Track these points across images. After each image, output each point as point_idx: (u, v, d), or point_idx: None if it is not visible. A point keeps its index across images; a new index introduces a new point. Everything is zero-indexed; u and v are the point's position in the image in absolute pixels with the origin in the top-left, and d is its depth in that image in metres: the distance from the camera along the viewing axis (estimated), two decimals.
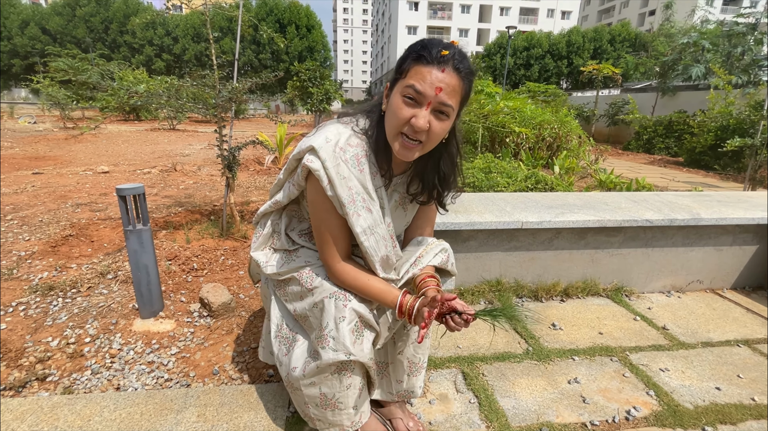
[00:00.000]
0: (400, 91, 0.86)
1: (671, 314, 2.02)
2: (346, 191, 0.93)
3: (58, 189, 4.08)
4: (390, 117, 0.90)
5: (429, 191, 1.05)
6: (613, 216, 2.01)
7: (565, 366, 1.57)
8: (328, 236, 0.99)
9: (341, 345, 0.95)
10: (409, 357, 1.17)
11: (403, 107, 0.86)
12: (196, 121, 15.98)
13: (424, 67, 0.83)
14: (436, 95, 0.83)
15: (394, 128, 0.89)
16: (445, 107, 0.85)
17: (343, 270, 1.01)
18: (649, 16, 44.32)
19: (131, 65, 17.81)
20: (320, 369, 0.99)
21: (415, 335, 1.15)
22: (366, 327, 1.01)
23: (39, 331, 1.68)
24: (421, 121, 0.84)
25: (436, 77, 0.83)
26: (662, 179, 6.19)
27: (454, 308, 0.91)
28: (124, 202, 1.60)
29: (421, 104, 0.85)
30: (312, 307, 1.03)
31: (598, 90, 13.31)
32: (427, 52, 0.84)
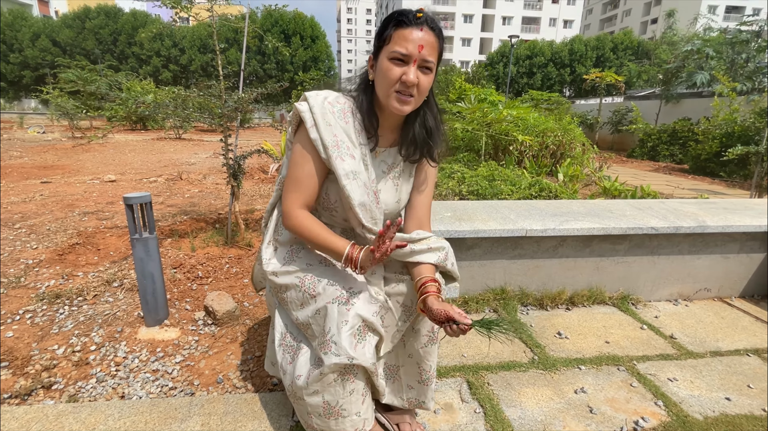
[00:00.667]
0: (387, 55, 0.96)
1: (679, 323, 2.00)
2: (330, 136, 1.01)
3: (66, 197, 4.12)
4: (381, 80, 0.99)
5: (420, 147, 1.12)
6: (618, 223, 2.00)
7: (572, 376, 1.56)
8: (297, 181, 1.06)
9: (343, 349, 0.95)
10: (419, 362, 1.16)
11: (393, 68, 0.96)
12: (201, 130, 16.15)
13: (405, 29, 0.94)
14: (420, 53, 0.94)
15: (387, 88, 0.98)
16: (428, 63, 0.97)
17: (301, 215, 1.05)
18: (651, 24, 44.54)
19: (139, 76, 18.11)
20: (323, 376, 0.98)
21: (425, 338, 1.15)
22: (369, 330, 1.01)
23: (45, 339, 1.69)
24: (412, 76, 0.95)
25: (417, 36, 0.94)
26: (667, 186, 6.16)
27: (451, 317, 0.93)
28: (131, 210, 1.62)
29: (408, 63, 0.95)
30: (315, 314, 1.03)
31: (602, 98, 13.33)
32: (405, 17, 0.95)
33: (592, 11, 56.97)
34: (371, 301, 1.05)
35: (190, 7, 2.47)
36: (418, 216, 1.18)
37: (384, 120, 1.09)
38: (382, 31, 0.98)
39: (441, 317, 0.95)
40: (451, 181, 4.11)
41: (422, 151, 1.12)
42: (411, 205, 1.20)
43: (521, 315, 2.00)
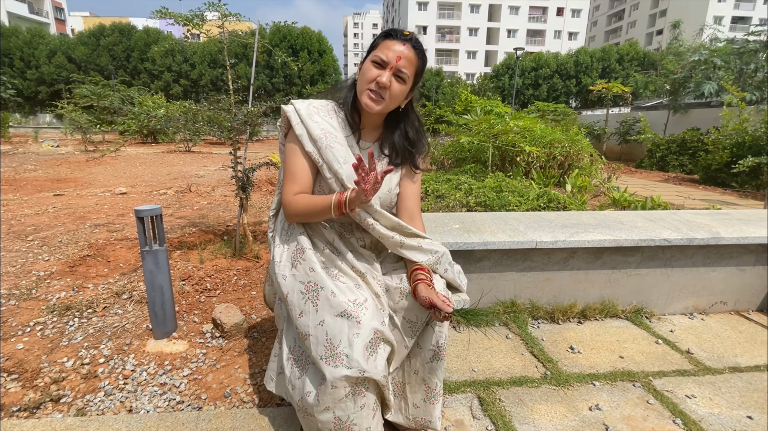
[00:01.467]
0: (371, 58, 1.10)
1: (695, 337, 1.95)
2: (318, 130, 1.13)
3: (78, 210, 4.19)
4: (360, 78, 1.12)
5: (401, 154, 1.22)
6: (629, 235, 1.97)
7: (586, 392, 1.52)
8: (291, 173, 1.15)
9: (355, 362, 0.95)
10: (425, 379, 1.14)
11: (371, 69, 1.09)
12: (210, 143, 16.41)
13: (390, 41, 1.09)
14: (397, 62, 1.07)
15: (363, 84, 1.11)
16: (402, 73, 1.08)
17: (295, 199, 1.13)
18: (656, 35, 44.68)
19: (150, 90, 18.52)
20: (335, 389, 0.97)
21: (430, 354, 1.13)
22: (381, 341, 1.01)
23: (55, 351, 1.69)
24: (384, 78, 1.07)
25: (398, 49, 1.07)
26: (678, 197, 6.08)
27: (434, 304, 1.00)
28: (141, 223, 1.64)
29: (385, 68, 1.08)
30: (317, 325, 1.02)
31: (608, 108, 13.32)
32: (393, 32, 1.10)
33: (596, 23, 57.37)
34: (379, 310, 1.05)
35: (202, 24, 2.53)
36: (408, 207, 1.25)
37: (365, 118, 1.19)
38: (373, 41, 1.14)
39: (425, 304, 1.02)
40: (459, 193, 4.10)
41: (404, 158, 1.23)
42: (401, 196, 1.26)
43: (532, 328, 1.97)
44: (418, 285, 1.06)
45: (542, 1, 44.69)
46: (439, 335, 1.11)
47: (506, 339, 1.86)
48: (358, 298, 1.04)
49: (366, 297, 1.06)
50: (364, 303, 1.04)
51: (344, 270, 1.12)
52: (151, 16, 2.33)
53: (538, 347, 1.80)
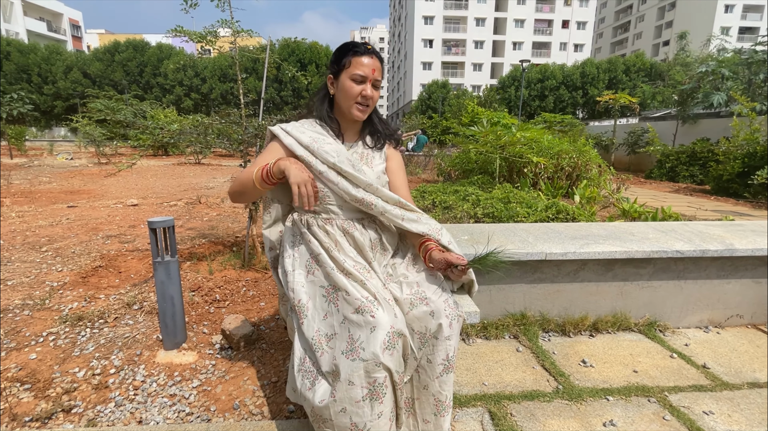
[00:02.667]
0: (349, 77, 1.23)
1: (711, 351, 1.90)
2: (307, 137, 1.26)
3: (91, 221, 4.26)
4: (345, 95, 1.26)
5: (384, 135, 1.40)
6: (640, 247, 1.95)
7: (599, 407, 1.49)
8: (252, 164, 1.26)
9: (370, 353, 0.98)
10: (435, 394, 1.13)
11: (353, 86, 1.24)
12: (220, 155, 16.66)
13: (361, 57, 1.23)
14: (373, 74, 1.24)
15: (350, 100, 1.26)
16: (377, 81, 1.26)
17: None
18: (663, 46, 44.71)
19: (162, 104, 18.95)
20: (351, 387, 0.98)
21: (440, 368, 1.12)
22: (398, 337, 1.04)
23: (67, 361, 1.71)
24: (369, 92, 1.25)
25: (370, 62, 1.23)
26: (689, 208, 6.00)
27: (450, 262, 1.16)
28: (154, 234, 1.66)
29: (365, 82, 1.24)
30: (341, 323, 1.07)
31: (616, 119, 13.29)
32: (358, 48, 1.24)
33: (602, 35, 57.65)
34: (390, 305, 1.10)
35: (215, 41, 2.61)
36: (403, 196, 1.35)
37: (345, 123, 1.35)
38: (340, 58, 1.24)
39: (442, 265, 1.17)
40: (466, 204, 4.09)
41: (386, 137, 1.40)
42: (392, 186, 1.38)
43: (543, 341, 1.94)
44: (431, 253, 1.20)
45: (547, 14, 45.11)
46: (449, 348, 1.11)
47: (516, 352, 1.84)
48: (369, 295, 1.09)
49: (375, 293, 1.10)
50: (375, 299, 1.08)
51: (352, 269, 1.16)
52: (167, 35, 2.41)
53: (550, 360, 1.77)
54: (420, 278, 1.21)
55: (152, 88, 26.71)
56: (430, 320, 1.10)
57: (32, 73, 25.74)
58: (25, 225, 4.01)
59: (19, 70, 25.52)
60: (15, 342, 1.84)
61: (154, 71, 26.34)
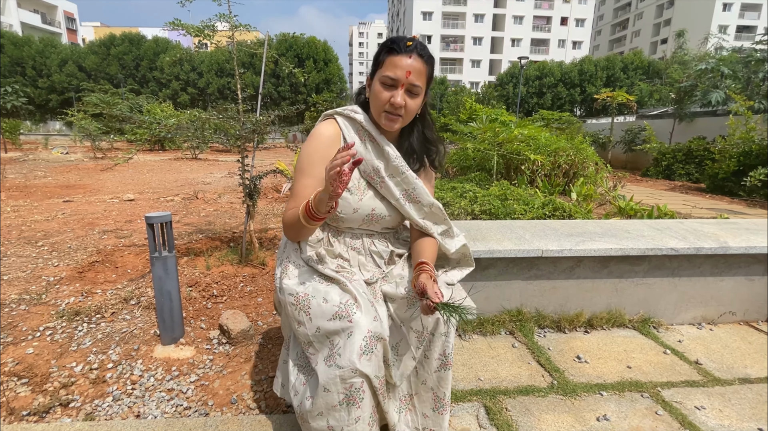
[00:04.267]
0: (379, 79, 1.06)
1: (704, 348, 1.93)
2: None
3: (87, 216, 4.24)
4: (373, 101, 1.10)
5: (420, 157, 1.21)
6: (636, 244, 1.97)
7: (593, 402, 1.50)
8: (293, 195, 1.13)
9: (346, 360, 0.95)
10: (434, 388, 1.14)
11: (382, 91, 1.06)
12: (216, 150, 16.58)
13: (396, 56, 1.03)
14: (407, 78, 1.03)
15: (378, 108, 1.09)
16: (414, 87, 1.05)
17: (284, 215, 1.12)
18: (661, 44, 44.78)
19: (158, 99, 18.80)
20: (327, 393, 0.96)
21: (437, 363, 1.13)
22: (376, 341, 0.99)
23: (64, 356, 1.71)
24: (399, 99, 1.04)
25: (405, 63, 1.02)
26: (684, 206, 6.05)
27: (425, 292, 0.96)
28: (152, 229, 1.66)
29: (397, 87, 1.05)
30: (315, 332, 1.03)
31: (613, 117, 13.32)
32: (396, 45, 1.04)
33: (600, 32, 57.65)
34: (371, 309, 1.05)
35: (213, 35, 2.59)
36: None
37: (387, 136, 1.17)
38: (378, 56, 1.09)
39: (418, 290, 0.98)
40: (463, 201, 4.11)
41: (422, 160, 1.21)
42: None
43: (538, 337, 1.96)
44: (420, 275, 1.04)
45: (546, 11, 45.03)
46: (446, 344, 1.11)
47: (512, 348, 1.86)
48: (349, 298, 1.04)
49: (356, 294, 1.05)
50: (355, 302, 1.03)
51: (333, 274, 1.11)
52: (165, 28, 2.39)
53: (545, 356, 1.79)
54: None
55: (148, 82, 26.49)
56: (427, 317, 1.11)
57: (26, 66, 25.45)
58: (21, 220, 3.98)
59: (13, 62, 25.23)
60: (12, 336, 1.84)
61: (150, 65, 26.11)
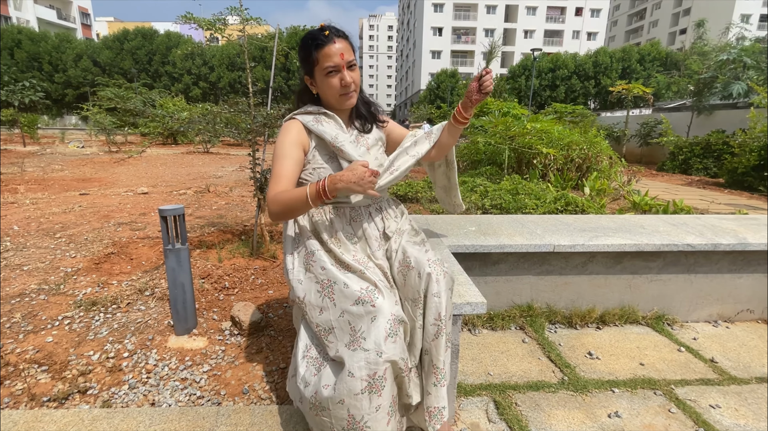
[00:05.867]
0: (322, 72, 1.19)
1: (719, 345, 1.89)
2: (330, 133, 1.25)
3: (102, 209, 4.33)
4: (327, 91, 1.23)
5: (368, 116, 1.37)
6: (650, 240, 1.93)
7: (605, 399, 1.49)
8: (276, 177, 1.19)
9: (372, 343, 0.99)
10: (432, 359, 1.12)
11: (331, 80, 1.20)
12: (228, 144, 16.72)
13: (324, 48, 1.16)
14: (343, 59, 1.18)
15: (334, 95, 1.23)
16: (351, 62, 1.21)
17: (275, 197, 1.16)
18: (680, 35, 43.48)
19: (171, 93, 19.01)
20: (351, 379, 0.98)
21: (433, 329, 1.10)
22: (399, 324, 1.04)
23: (81, 345, 1.76)
24: (348, 78, 1.20)
25: (335, 48, 1.16)
26: (702, 201, 5.90)
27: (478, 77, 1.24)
28: (165, 222, 1.69)
29: (340, 70, 1.19)
30: (339, 317, 1.07)
31: (629, 110, 13.02)
32: (319, 40, 1.17)
33: (617, 23, 56.20)
34: (390, 294, 1.10)
35: (224, 29, 2.59)
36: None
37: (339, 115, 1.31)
38: (307, 56, 1.20)
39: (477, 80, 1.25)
40: (474, 195, 4.07)
41: (371, 120, 1.38)
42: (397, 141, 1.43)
43: (549, 333, 1.94)
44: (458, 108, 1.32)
45: (560, 1, 44.03)
46: (439, 306, 1.09)
47: (522, 343, 1.85)
48: (369, 285, 1.09)
49: (376, 281, 1.10)
50: (376, 288, 1.08)
51: (350, 261, 1.16)
52: (177, 21, 2.40)
53: (556, 352, 1.78)
54: (404, 242, 1.25)
55: (161, 76, 26.78)
56: (418, 281, 1.12)
57: (43, 61, 25.93)
58: (39, 212, 4.08)
59: (31, 58, 25.73)
60: (32, 325, 1.89)
61: (162, 59, 26.38)
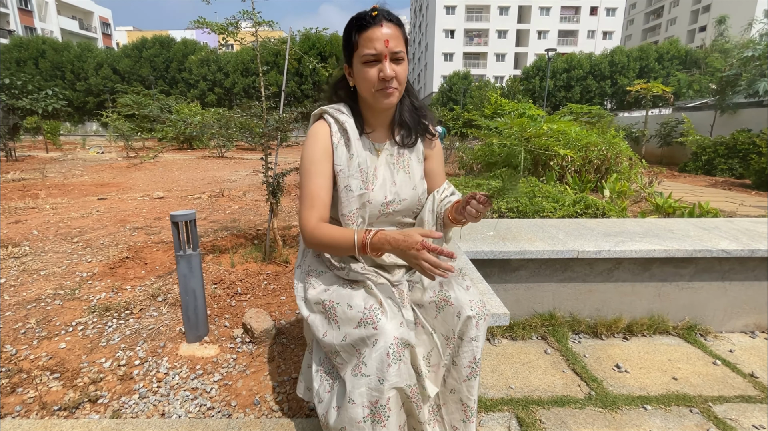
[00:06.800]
0: (360, 60, 1.01)
1: (759, 359, 1.76)
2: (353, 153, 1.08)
3: (119, 213, 4.38)
4: (362, 84, 1.04)
5: (414, 128, 1.16)
6: (681, 245, 1.82)
7: (636, 416, 1.39)
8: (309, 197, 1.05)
9: (374, 369, 0.89)
10: (463, 399, 1.07)
11: (368, 70, 1.00)
12: (242, 148, 16.92)
13: (368, 31, 0.98)
14: (388, 47, 0.98)
15: (369, 89, 1.03)
16: (397, 53, 1.00)
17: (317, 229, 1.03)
18: (699, 32, 42.37)
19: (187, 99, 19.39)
20: (352, 405, 0.90)
21: (467, 371, 1.05)
22: (403, 347, 0.93)
23: (94, 352, 1.74)
24: (388, 70, 0.99)
25: (380, 33, 0.98)
26: (728, 203, 5.66)
27: (473, 196, 0.99)
28: (176, 227, 1.66)
29: (381, 60, 0.99)
30: (342, 341, 0.98)
31: (648, 109, 12.69)
32: (363, 21, 0.99)
33: (633, 21, 55.13)
34: (397, 314, 0.99)
35: (236, 33, 2.58)
36: (438, 183, 1.23)
37: (373, 118, 1.12)
38: (348, 39, 1.03)
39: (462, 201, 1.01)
40: None
41: (416, 131, 1.16)
42: (428, 175, 1.23)
43: (573, 343, 1.85)
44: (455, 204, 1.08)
45: (575, 1, 43.43)
46: (475, 350, 1.04)
47: (545, 354, 1.76)
48: (374, 303, 0.99)
49: (381, 299, 1.00)
50: (380, 307, 0.98)
51: (358, 278, 1.07)
52: (189, 26, 2.40)
53: (581, 364, 1.68)
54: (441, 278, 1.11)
55: (177, 83, 27.35)
56: (455, 320, 1.03)
57: (66, 70, 26.78)
58: (59, 217, 4.16)
59: (54, 67, 26.61)
60: (46, 331, 1.89)
61: (179, 66, 26.96)
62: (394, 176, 1.14)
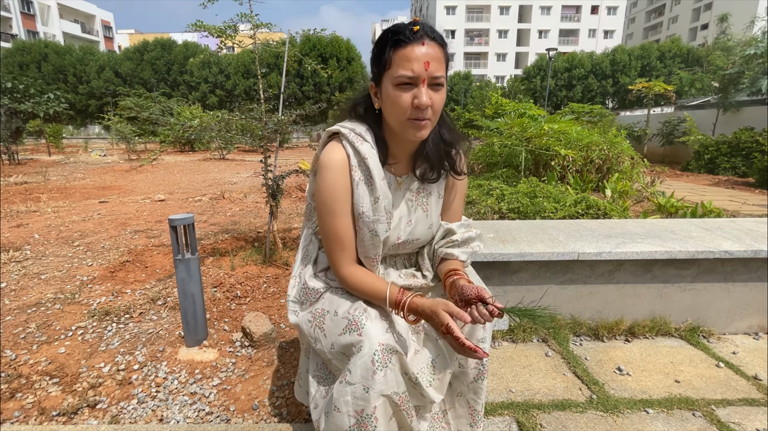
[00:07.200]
0: (392, 81, 0.86)
1: (762, 361, 1.74)
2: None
3: (120, 216, 4.39)
4: (392, 110, 0.89)
5: (437, 164, 1.02)
6: (683, 246, 1.80)
7: (638, 420, 1.38)
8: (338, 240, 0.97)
9: (358, 376, 0.85)
10: (470, 402, 1.05)
11: (401, 95, 0.85)
12: (243, 150, 16.94)
13: (405, 48, 0.83)
14: (427, 70, 0.83)
15: (400, 117, 0.88)
16: (437, 78, 0.85)
17: (351, 276, 0.98)
18: (701, 30, 42.19)
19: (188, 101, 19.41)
20: (338, 414, 0.87)
21: (474, 372, 1.04)
22: (389, 353, 0.88)
23: (93, 356, 1.74)
24: (425, 98, 0.84)
25: (420, 53, 0.83)
26: (732, 202, 5.63)
27: (482, 297, 0.86)
28: (175, 231, 1.66)
29: (417, 84, 0.85)
30: (330, 349, 0.95)
31: (650, 108, 12.64)
32: (402, 35, 0.84)
33: (634, 20, 54.97)
34: (382, 320, 0.94)
35: (234, 36, 2.58)
36: (450, 219, 1.14)
37: (396, 147, 0.99)
38: (380, 55, 0.88)
39: (472, 294, 0.87)
40: (490, 199, 3.97)
41: (440, 168, 1.03)
42: (443, 208, 1.13)
43: (574, 346, 1.83)
44: (458, 280, 0.93)
45: (576, 0, 43.34)
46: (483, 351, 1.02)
47: (545, 357, 1.74)
48: (358, 307, 0.95)
49: (366, 307, 0.95)
50: (365, 312, 0.93)
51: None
52: (187, 29, 2.40)
53: (582, 367, 1.67)
54: None
55: (179, 85, 27.42)
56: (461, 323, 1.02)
57: (68, 73, 26.89)
58: (60, 221, 4.17)
59: (56, 70, 26.72)
60: (46, 335, 1.89)
61: (180, 69, 27.02)
62: (410, 214, 1.06)
